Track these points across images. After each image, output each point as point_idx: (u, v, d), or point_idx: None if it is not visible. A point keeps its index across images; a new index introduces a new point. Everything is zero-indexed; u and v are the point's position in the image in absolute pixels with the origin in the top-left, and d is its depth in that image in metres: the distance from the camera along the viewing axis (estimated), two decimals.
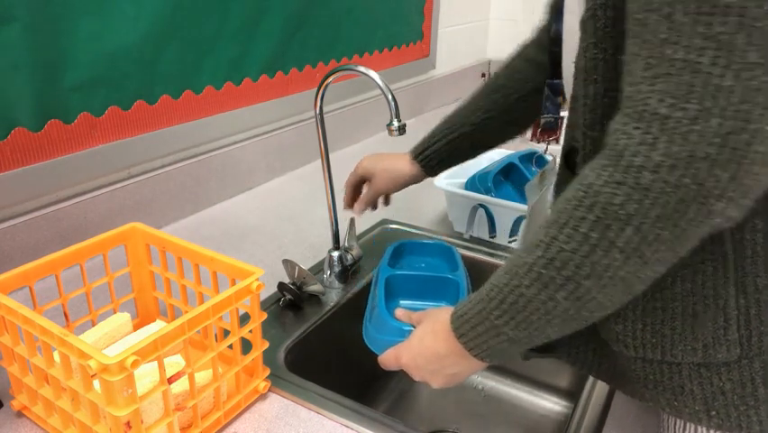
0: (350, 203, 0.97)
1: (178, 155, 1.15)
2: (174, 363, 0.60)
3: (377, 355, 0.67)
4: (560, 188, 0.64)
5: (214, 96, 1.18)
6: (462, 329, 0.55)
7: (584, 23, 0.51)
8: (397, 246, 0.98)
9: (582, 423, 0.69)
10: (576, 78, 0.55)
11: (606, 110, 0.52)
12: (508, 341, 0.52)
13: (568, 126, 0.60)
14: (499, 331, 0.52)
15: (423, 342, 0.60)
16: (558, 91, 0.75)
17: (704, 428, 0.57)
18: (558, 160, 0.83)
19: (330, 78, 0.83)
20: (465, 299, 0.57)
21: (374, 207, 0.98)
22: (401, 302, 0.90)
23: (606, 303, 0.48)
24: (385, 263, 0.92)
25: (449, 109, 0.90)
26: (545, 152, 0.82)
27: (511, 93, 0.85)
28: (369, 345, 0.79)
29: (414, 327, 0.67)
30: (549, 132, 0.79)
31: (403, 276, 0.90)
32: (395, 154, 0.94)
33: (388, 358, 0.65)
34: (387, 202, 1.00)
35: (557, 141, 0.81)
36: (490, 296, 0.52)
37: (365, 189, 0.96)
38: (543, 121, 0.78)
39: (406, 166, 0.92)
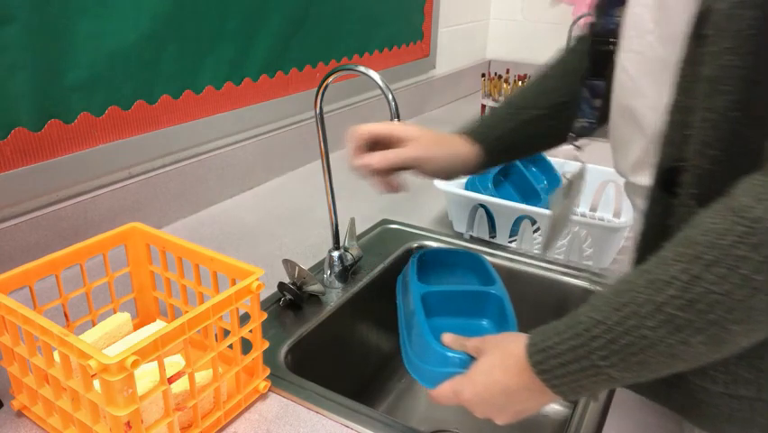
0: (356, 156, 0.69)
1: (178, 155, 1.15)
2: (174, 362, 0.60)
3: (425, 387, 0.61)
4: (653, 210, 0.56)
5: (214, 96, 1.18)
6: (546, 365, 0.49)
7: (717, 25, 0.45)
8: (420, 255, 0.88)
9: (582, 423, 0.69)
10: (688, 87, 0.49)
11: (732, 126, 0.46)
12: (608, 381, 0.47)
13: (667, 143, 0.52)
14: (600, 371, 0.46)
15: (490, 375, 0.54)
16: (598, 93, 0.67)
17: None
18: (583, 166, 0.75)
19: (330, 78, 0.83)
20: (545, 329, 0.51)
21: (393, 185, 0.71)
22: (436, 319, 0.79)
23: (743, 344, 0.43)
24: (414, 277, 0.82)
25: (449, 109, 0.88)
26: (576, 158, 0.75)
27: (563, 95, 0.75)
28: (413, 375, 0.70)
29: (466, 354, 0.61)
30: (582, 138, 0.71)
31: (438, 292, 0.80)
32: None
33: (445, 394, 0.58)
34: (400, 187, 0.72)
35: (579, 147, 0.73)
36: (593, 333, 0.46)
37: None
38: (577, 125, 0.71)
39: (463, 146, 0.74)
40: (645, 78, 0.55)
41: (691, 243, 0.43)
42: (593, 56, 0.65)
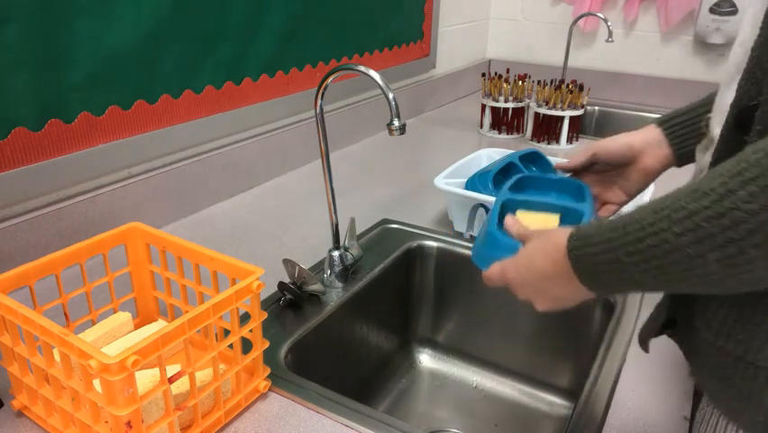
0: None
1: (177, 155, 1.15)
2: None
3: (480, 272, 0.64)
4: (721, 147, 0.55)
5: (215, 95, 1.18)
6: (579, 252, 0.51)
7: None
8: (518, 180, 0.87)
9: (582, 423, 0.69)
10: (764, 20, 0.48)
11: None
12: (630, 282, 0.48)
13: (746, 78, 0.51)
14: (623, 269, 0.48)
15: (530, 258, 0.58)
16: None
17: None
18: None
19: (330, 78, 0.83)
20: (591, 223, 0.52)
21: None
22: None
23: (761, 278, 0.43)
24: (505, 188, 0.83)
25: (449, 109, 0.88)
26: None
27: None
28: (475, 263, 0.72)
29: (518, 241, 0.64)
30: None
31: (520, 201, 0.80)
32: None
33: (495, 273, 0.62)
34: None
35: None
36: (627, 230, 0.47)
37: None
38: None
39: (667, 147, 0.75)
40: (748, 17, 0.54)
41: (741, 160, 0.42)
42: None
